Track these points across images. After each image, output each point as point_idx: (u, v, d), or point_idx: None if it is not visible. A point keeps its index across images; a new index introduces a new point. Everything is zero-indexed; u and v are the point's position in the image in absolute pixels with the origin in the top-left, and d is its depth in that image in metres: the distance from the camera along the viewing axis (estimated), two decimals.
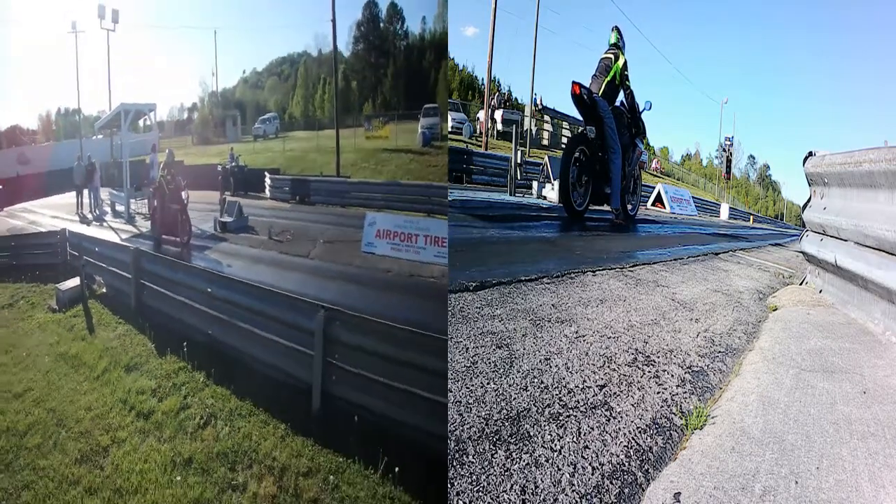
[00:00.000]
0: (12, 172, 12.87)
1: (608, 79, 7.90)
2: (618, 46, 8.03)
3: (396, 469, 2.94)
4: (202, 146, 17.26)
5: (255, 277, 5.70)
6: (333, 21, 13.58)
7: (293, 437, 3.57)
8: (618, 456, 1.81)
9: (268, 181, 12.45)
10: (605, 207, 8.42)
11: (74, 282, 6.36)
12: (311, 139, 16.24)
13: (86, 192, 10.83)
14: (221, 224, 9.33)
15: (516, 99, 31.24)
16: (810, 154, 4.80)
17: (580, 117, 8.42)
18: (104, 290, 6.33)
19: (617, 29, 8.13)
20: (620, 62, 7.92)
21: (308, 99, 21.80)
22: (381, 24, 20.56)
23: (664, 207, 17.38)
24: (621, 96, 8.18)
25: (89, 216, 10.60)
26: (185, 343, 4.61)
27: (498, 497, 1.54)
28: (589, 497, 1.60)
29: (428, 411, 3.24)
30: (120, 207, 10.40)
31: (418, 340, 3.38)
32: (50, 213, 10.49)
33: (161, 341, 4.88)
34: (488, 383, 2.13)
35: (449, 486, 1.56)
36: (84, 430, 3.78)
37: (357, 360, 3.69)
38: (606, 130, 7.74)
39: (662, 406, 2.19)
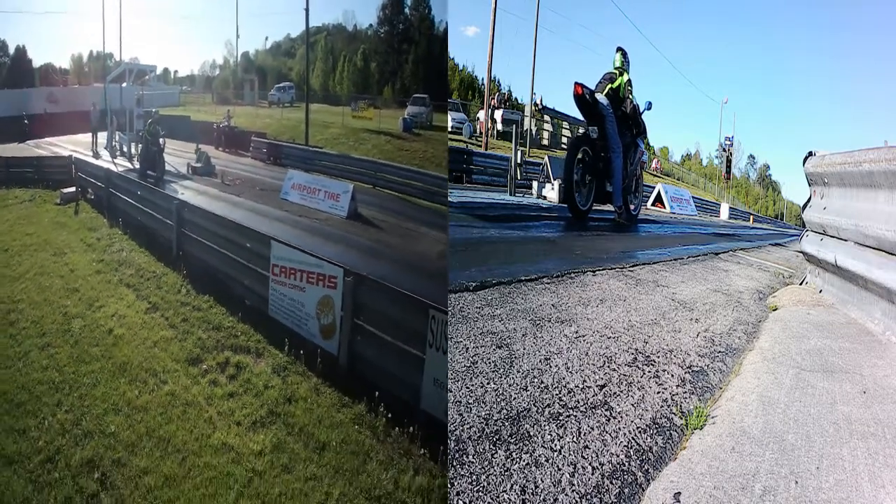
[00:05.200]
0: (41, 110, 14.88)
1: (612, 86, 7.99)
2: (623, 69, 8.09)
3: None
4: (220, 105, 18.45)
5: (192, 200, 8.07)
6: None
7: (156, 262, 6.84)
8: (618, 456, 1.81)
9: (252, 142, 14.49)
10: (606, 207, 8.45)
11: (73, 188, 10.11)
12: (318, 112, 17.36)
13: (101, 133, 13.34)
14: (192, 168, 12.06)
15: (516, 99, 31.19)
16: (810, 154, 4.80)
17: (581, 117, 8.48)
18: (92, 196, 9.86)
19: (621, 50, 8.18)
20: (625, 78, 8.02)
21: (328, 74, 21.99)
22: (407, 10, 20.66)
23: (664, 207, 17.37)
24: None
25: (101, 153, 13.13)
26: (120, 219, 8.41)
27: (498, 497, 1.54)
28: (589, 497, 1.60)
29: (250, 274, 5.56)
30: (126, 148, 12.96)
31: (242, 231, 5.96)
32: (71, 147, 12.76)
33: (113, 220, 8.51)
34: (488, 383, 2.13)
35: (449, 486, 1.57)
36: (58, 247, 7.64)
37: (194, 229, 6.68)
38: (608, 129, 7.81)
39: (662, 406, 2.19)
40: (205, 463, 3.49)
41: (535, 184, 11.66)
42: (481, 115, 22.10)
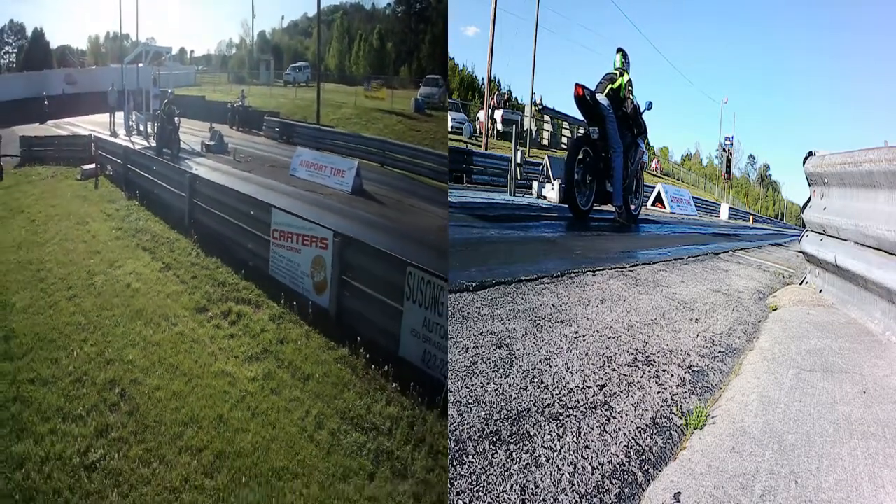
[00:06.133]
0: (59, 91, 15.20)
1: (613, 86, 8.01)
2: (623, 69, 8.10)
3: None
4: (236, 85, 18.85)
5: (206, 176, 8.72)
6: None
7: (170, 230, 7.48)
8: (618, 456, 1.81)
9: (265, 122, 14.95)
10: (606, 207, 8.46)
11: (93, 165, 10.55)
12: (332, 92, 17.78)
13: (118, 113, 13.86)
14: (206, 146, 12.61)
15: (516, 99, 31.14)
16: (810, 154, 4.80)
17: (582, 118, 8.49)
18: (111, 172, 10.48)
19: (622, 51, 8.20)
20: (625, 78, 8.04)
21: (344, 53, 22.02)
22: None
23: (664, 207, 17.36)
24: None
25: (118, 132, 13.60)
26: (137, 192, 9.06)
27: (498, 497, 1.54)
28: (589, 497, 1.60)
29: (253, 239, 6.24)
30: (142, 127, 13.59)
31: (246, 200, 6.70)
32: (89, 127, 13.36)
33: (131, 193, 9.18)
34: (488, 383, 2.13)
35: (449, 486, 1.57)
36: (80, 217, 8.32)
37: (205, 200, 7.36)
38: (609, 130, 7.85)
39: (662, 406, 2.19)
40: (206, 384, 4.20)
41: (535, 184, 11.65)
42: (481, 115, 22.06)
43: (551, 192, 10.41)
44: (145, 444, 3.55)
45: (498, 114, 18.69)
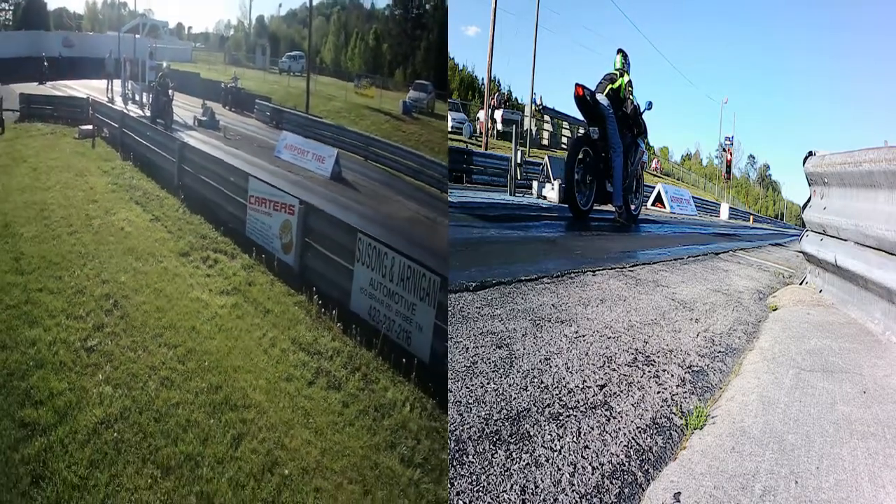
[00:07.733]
0: (56, 53, 15.17)
1: (613, 86, 8.02)
2: (623, 70, 8.11)
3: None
4: (232, 66, 19.19)
5: (196, 146, 9.44)
6: None
7: (159, 190, 8.24)
8: (618, 456, 1.81)
9: (256, 105, 15.50)
10: (606, 207, 8.47)
11: (90, 126, 11.06)
12: (326, 85, 18.35)
13: (115, 80, 14.11)
14: (199, 121, 13.14)
15: (516, 99, 31.21)
16: (810, 154, 4.80)
17: (582, 118, 8.50)
18: (106, 134, 10.96)
19: (622, 52, 8.21)
20: (625, 79, 8.04)
21: (340, 48, 22.25)
22: None
23: (664, 207, 17.37)
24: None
25: (116, 100, 13.76)
26: (131, 154, 9.66)
27: (498, 497, 1.55)
28: (589, 497, 1.60)
29: (233, 203, 7.01)
30: (138, 96, 13.92)
31: (229, 168, 7.60)
32: (86, 91, 13.71)
33: (125, 154, 9.79)
34: (488, 383, 2.13)
35: (449, 486, 1.57)
36: (78, 170, 8.92)
37: (192, 165, 8.12)
38: (609, 130, 7.87)
39: (662, 406, 2.19)
40: (184, 305, 5.12)
41: (535, 184, 11.65)
42: (481, 115, 22.06)
43: (551, 192, 10.41)
44: (133, 337, 4.48)
45: (498, 114, 18.70)
